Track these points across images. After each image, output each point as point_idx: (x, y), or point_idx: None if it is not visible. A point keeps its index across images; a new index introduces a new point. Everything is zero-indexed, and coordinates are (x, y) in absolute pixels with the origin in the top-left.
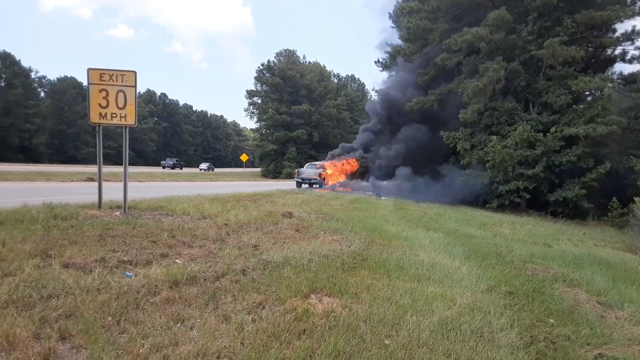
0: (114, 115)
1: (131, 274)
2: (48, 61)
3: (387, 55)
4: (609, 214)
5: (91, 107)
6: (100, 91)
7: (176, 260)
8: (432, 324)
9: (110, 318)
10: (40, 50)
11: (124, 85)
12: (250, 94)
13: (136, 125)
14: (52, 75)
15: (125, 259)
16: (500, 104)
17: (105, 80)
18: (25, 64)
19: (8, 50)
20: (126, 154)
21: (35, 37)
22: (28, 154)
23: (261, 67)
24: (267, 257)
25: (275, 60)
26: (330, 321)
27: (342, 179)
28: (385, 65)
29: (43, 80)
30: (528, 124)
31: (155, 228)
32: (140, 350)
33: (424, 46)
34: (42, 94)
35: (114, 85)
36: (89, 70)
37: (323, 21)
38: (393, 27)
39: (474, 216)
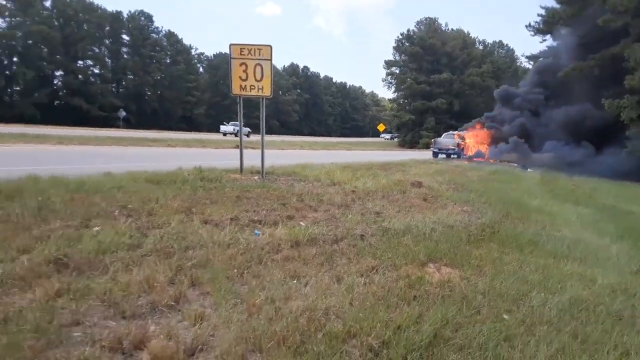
0: (252, 87)
1: (259, 232)
2: (205, 39)
3: (540, 19)
4: None
5: (233, 79)
6: (241, 65)
7: (300, 223)
8: (562, 302)
9: (235, 270)
10: (199, 28)
11: (261, 59)
12: (389, 64)
13: (271, 96)
14: (209, 51)
15: (256, 218)
16: None
17: (244, 55)
18: (186, 41)
19: (172, 30)
20: (263, 123)
21: (194, 16)
22: (190, 123)
23: (400, 36)
24: (388, 225)
25: (416, 29)
26: (445, 291)
27: (485, 149)
28: (537, 30)
29: (202, 56)
30: None
31: (287, 192)
32: (257, 301)
33: (583, 9)
34: (201, 69)
35: (252, 59)
36: (230, 45)
37: None
38: None
39: (638, 192)
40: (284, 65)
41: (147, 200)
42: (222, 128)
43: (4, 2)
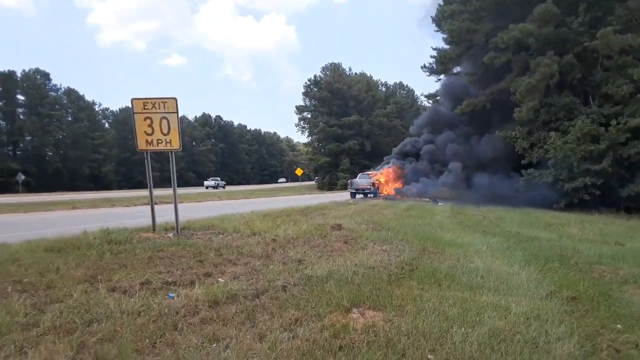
0: (159, 141)
1: (174, 294)
2: (110, 94)
3: (434, 60)
4: None
5: (138, 135)
6: (145, 119)
7: (219, 279)
8: (482, 335)
9: (147, 341)
10: (102, 84)
11: (167, 112)
12: (300, 109)
13: (180, 149)
14: (114, 106)
15: (170, 280)
16: (557, 100)
17: (148, 109)
18: (89, 98)
19: (72, 87)
20: (174, 176)
21: (96, 72)
22: (98, 182)
23: (308, 82)
24: (310, 272)
25: (322, 75)
26: (370, 336)
27: (398, 186)
28: (432, 70)
29: (106, 112)
30: (589, 118)
31: (204, 247)
32: None
33: (469, 47)
34: (107, 125)
35: (157, 112)
36: (132, 100)
37: (366, 32)
38: (437, 31)
39: (539, 217)
40: (196, 116)
41: (46, 271)
42: (206, 183)
43: None
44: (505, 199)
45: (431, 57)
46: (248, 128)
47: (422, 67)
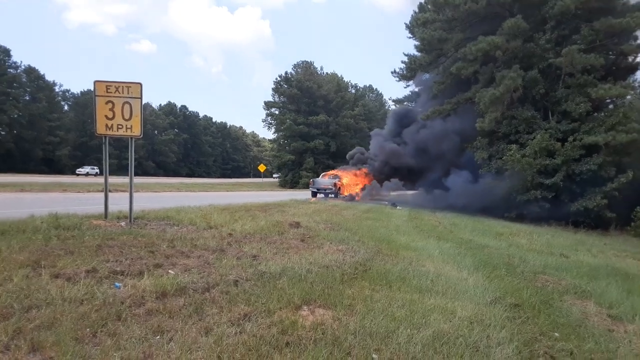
0: (120, 126)
1: (120, 284)
2: (74, 76)
3: (404, 66)
4: (632, 223)
5: (97, 118)
6: (107, 103)
7: (169, 271)
8: (426, 337)
9: (87, 330)
10: (66, 65)
11: (130, 97)
12: (268, 105)
13: (141, 136)
14: (77, 89)
15: (118, 269)
16: (519, 113)
17: (111, 92)
18: (49, 78)
19: (33, 65)
20: (132, 164)
21: (61, 52)
22: (51, 166)
23: (279, 78)
24: (264, 268)
25: (293, 72)
26: (318, 334)
27: (358, 189)
28: (402, 76)
29: (67, 93)
30: (547, 133)
31: (157, 238)
32: None
33: (439, 56)
34: (66, 107)
35: (120, 97)
36: (95, 82)
37: (340, 33)
38: (410, 38)
39: (491, 226)
40: (161, 104)
41: None
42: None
43: None
44: (460, 206)
45: (402, 62)
46: (214, 120)
47: (392, 72)
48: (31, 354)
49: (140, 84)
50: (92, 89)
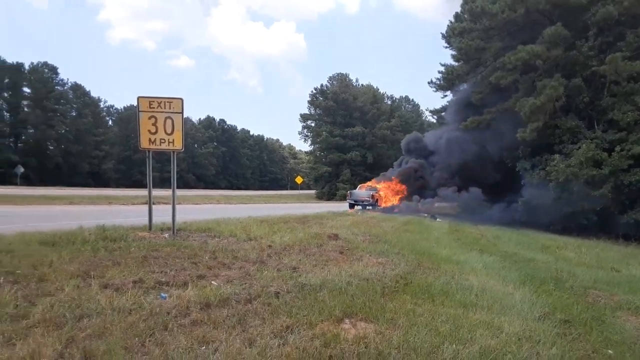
0: (162, 140)
1: (166, 295)
2: (117, 92)
3: (441, 76)
4: None
5: (141, 133)
6: (150, 118)
7: (212, 282)
8: (472, 353)
9: (136, 339)
10: (109, 81)
11: (172, 112)
12: (304, 117)
13: (183, 149)
14: (120, 104)
15: (163, 280)
16: (562, 122)
17: (154, 107)
18: (94, 94)
19: (79, 82)
20: (174, 177)
21: (104, 68)
22: (97, 179)
23: (314, 91)
24: (304, 280)
25: (328, 84)
26: (361, 347)
27: (397, 200)
28: (439, 86)
29: (111, 109)
30: (593, 143)
31: (199, 250)
32: None
33: (477, 66)
34: (110, 122)
35: (162, 112)
36: (138, 98)
37: (375, 44)
38: (446, 47)
39: (536, 239)
40: (200, 118)
41: (39, 264)
42: None
43: None
44: (503, 219)
45: (439, 72)
46: (251, 133)
47: (429, 83)
48: None
49: (182, 99)
50: (134, 104)
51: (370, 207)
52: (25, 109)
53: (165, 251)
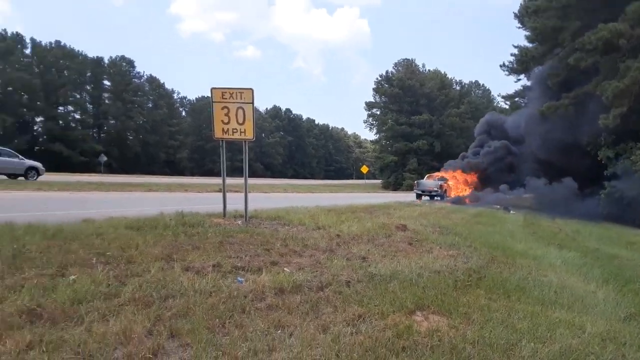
0: (234, 130)
1: (242, 279)
2: (187, 82)
3: (514, 58)
4: None
5: (215, 123)
6: (222, 108)
7: (284, 269)
8: (552, 352)
9: (217, 320)
10: (181, 72)
11: (243, 102)
12: (369, 105)
13: (254, 139)
14: (192, 95)
15: (239, 264)
16: None
17: (226, 98)
18: (168, 86)
19: (154, 74)
20: (246, 166)
21: (176, 60)
22: (173, 167)
23: (379, 78)
24: (374, 270)
25: (394, 71)
26: (434, 341)
27: (467, 190)
28: (511, 69)
29: (184, 100)
30: None
31: (271, 237)
32: (239, 353)
33: (554, 46)
34: (184, 113)
35: (234, 102)
36: (212, 89)
37: (442, 27)
38: (519, 28)
39: (621, 234)
40: (267, 108)
41: (127, 247)
42: None
43: None
44: (582, 212)
45: (511, 55)
46: (316, 122)
47: (500, 66)
48: (170, 339)
49: (252, 90)
50: (205, 95)
51: (439, 198)
52: (106, 101)
53: (240, 237)
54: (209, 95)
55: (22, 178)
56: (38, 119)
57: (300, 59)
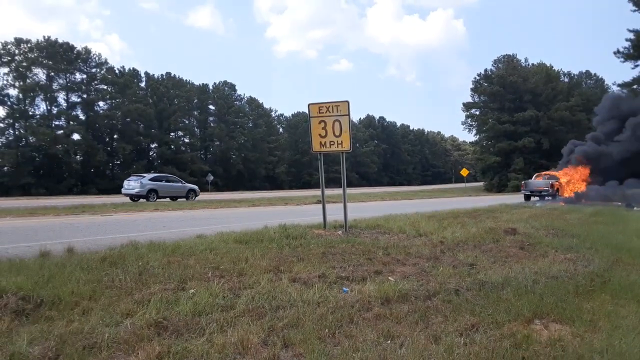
0: (332, 143)
1: (347, 289)
2: (283, 100)
3: (630, 44)
4: None
5: (313, 137)
6: (320, 122)
7: (389, 278)
8: None
9: (326, 330)
10: (277, 91)
11: (339, 115)
12: (467, 106)
13: (351, 150)
14: (288, 112)
15: (343, 274)
16: None
17: (323, 112)
18: (267, 105)
19: (253, 96)
20: (344, 177)
21: (273, 80)
22: (272, 182)
23: (478, 77)
24: (483, 277)
25: (493, 68)
26: (557, 351)
27: (583, 188)
28: (627, 55)
29: (281, 117)
30: None
31: (372, 246)
32: None
33: None
34: (281, 130)
35: (330, 116)
36: (309, 105)
37: (544, 18)
38: (634, 11)
39: None
40: (360, 118)
41: (237, 260)
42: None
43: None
44: None
45: (626, 40)
46: (411, 128)
47: (614, 53)
48: (284, 349)
49: (348, 102)
50: (300, 111)
51: (550, 198)
52: (212, 124)
53: (341, 247)
54: (304, 110)
55: (184, 199)
56: (153, 145)
57: (392, 66)
